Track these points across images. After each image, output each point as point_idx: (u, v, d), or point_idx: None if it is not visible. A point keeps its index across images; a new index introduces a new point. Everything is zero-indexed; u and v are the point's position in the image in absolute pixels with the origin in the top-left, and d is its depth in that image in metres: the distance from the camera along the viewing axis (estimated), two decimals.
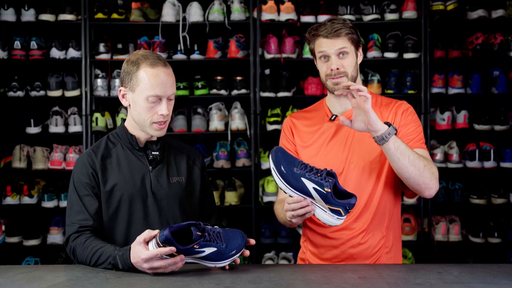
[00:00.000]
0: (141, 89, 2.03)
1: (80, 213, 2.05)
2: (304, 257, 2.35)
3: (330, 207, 1.93)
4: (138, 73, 2.04)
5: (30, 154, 4.32)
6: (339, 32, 2.19)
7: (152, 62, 2.03)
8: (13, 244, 4.23)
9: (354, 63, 2.24)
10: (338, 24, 2.20)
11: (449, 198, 4.27)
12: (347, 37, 2.20)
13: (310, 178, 1.92)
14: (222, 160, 4.25)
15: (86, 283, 1.76)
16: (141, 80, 2.03)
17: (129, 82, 2.06)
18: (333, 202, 1.92)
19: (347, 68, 2.21)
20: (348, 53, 2.21)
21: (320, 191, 1.91)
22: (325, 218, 1.96)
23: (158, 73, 2.03)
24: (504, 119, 4.23)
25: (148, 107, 2.04)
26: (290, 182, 1.93)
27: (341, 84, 2.16)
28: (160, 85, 2.02)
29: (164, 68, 2.05)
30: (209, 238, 1.82)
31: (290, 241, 4.20)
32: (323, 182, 1.91)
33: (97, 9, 4.27)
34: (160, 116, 2.04)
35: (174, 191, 2.13)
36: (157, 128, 2.07)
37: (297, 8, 4.29)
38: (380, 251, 2.26)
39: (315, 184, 1.91)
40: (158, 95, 2.02)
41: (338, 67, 2.20)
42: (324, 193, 1.91)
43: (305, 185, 1.92)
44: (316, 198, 1.93)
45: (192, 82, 4.35)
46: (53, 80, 4.27)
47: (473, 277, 1.83)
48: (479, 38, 4.24)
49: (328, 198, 1.91)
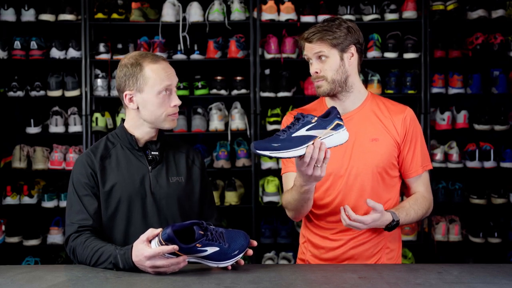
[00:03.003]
0: (151, 86, 2.07)
1: (80, 213, 2.05)
2: (304, 258, 2.35)
3: (330, 128, 1.95)
4: (143, 72, 2.07)
5: (30, 154, 4.32)
6: (316, 37, 2.18)
7: (152, 58, 2.09)
8: (13, 244, 4.23)
9: (336, 66, 2.20)
10: (321, 27, 2.19)
11: (449, 198, 4.27)
12: (327, 42, 2.17)
13: (298, 129, 1.92)
14: (222, 160, 4.25)
15: (86, 283, 1.76)
16: (148, 78, 2.06)
17: (135, 84, 2.07)
18: (327, 121, 1.94)
19: (326, 72, 2.19)
20: (328, 57, 2.19)
21: (313, 125, 1.92)
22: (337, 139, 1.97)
23: (162, 66, 2.09)
24: (504, 119, 4.24)
25: (160, 102, 2.07)
26: (289, 146, 1.91)
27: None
28: (168, 76, 2.09)
29: (164, 61, 2.12)
30: (211, 237, 1.82)
31: (290, 241, 4.20)
32: (306, 119, 1.93)
33: (97, 9, 4.27)
34: (174, 108, 2.10)
35: (173, 191, 2.13)
36: (172, 118, 2.12)
37: (297, 8, 4.29)
38: (381, 251, 2.25)
39: (303, 128, 1.92)
40: (169, 84, 2.08)
41: (317, 71, 2.20)
42: (316, 124, 1.93)
43: (300, 135, 1.92)
44: (317, 134, 1.93)
45: (192, 82, 4.35)
46: (53, 80, 4.27)
47: (473, 277, 1.83)
48: (479, 38, 4.24)
49: (321, 123, 1.94)
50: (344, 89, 2.23)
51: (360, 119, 2.25)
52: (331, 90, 2.21)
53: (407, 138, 2.24)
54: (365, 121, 2.24)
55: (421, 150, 2.26)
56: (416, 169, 2.25)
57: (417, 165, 2.24)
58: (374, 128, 2.23)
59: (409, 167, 2.24)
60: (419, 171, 2.25)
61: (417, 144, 2.25)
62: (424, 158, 2.27)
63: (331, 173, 2.21)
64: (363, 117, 2.25)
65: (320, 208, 2.27)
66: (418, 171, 2.25)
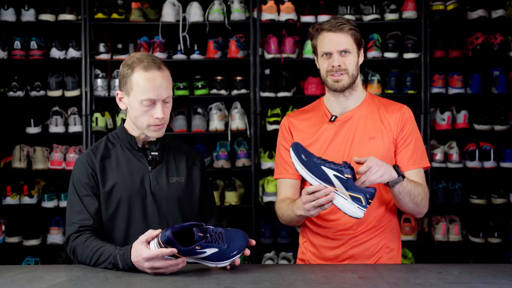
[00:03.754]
0: (135, 93, 2.03)
1: (80, 213, 2.05)
2: (304, 258, 2.35)
3: (351, 193, 1.95)
4: (132, 77, 2.03)
5: (30, 154, 4.32)
6: (343, 27, 2.21)
7: (146, 66, 2.02)
8: (13, 244, 4.23)
9: (356, 62, 2.24)
10: (342, 20, 2.23)
11: (449, 198, 4.27)
12: (350, 33, 2.22)
13: (330, 167, 1.96)
14: (222, 160, 4.25)
15: (86, 283, 1.76)
16: (135, 84, 2.03)
17: (125, 86, 2.07)
18: (354, 188, 1.94)
19: (348, 66, 2.22)
20: (351, 52, 2.22)
21: (341, 177, 1.94)
22: (346, 207, 1.96)
23: (152, 76, 2.02)
24: (504, 119, 4.24)
25: (143, 110, 2.04)
26: (311, 170, 1.96)
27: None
28: (154, 89, 2.02)
29: (158, 71, 2.03)
30: (211, 239, 1.82)
31: (290, 241, 4.20)
32: (343, 169, 1.95)
33: (97, 9, 4.27)
34: (156, 120, 2.04)
35: (173, 191, 2.13)
36: (155, 129, 2.07)
37: (297, 8, 4.29)
38: (381, 251, 2.26)
39: (335, 171, 1.95)
40: (152, 98, 2.02)
41: (340, 64, 2.21)
42: (345, 179, 1.94)
43: (325, 172, 1.95)
44: (337, 185, 1.95)
45: (192, 82, 4.35)
46: (53, 80, 4.27)
47: (473, 277, 1.83)
48: (479, 38, 4.24)
49: (348, 184, 1.94)
50: (352, 87, 2.26)
51: (359, 117, 2.26)
52: (349, 84, 2.24)
53: (402, 135, 2.25)
54: (364, 120, 2.26)
55: (416, 147, 2.25)
56: (408, 165, 2.22)
57: (410, 161, 2.22)
58: (372, 127, 2.24)
59: (403, 163, 2.22)
60: (409, 167, 2.22)
61: (412, 141, 2.25)
62: (419, 156, 2.26)
63: None
64: (361, 116, 2.27)
65: None
66: (409, 167, 2.22)
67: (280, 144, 2.36)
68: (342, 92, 2.26)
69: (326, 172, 1.95)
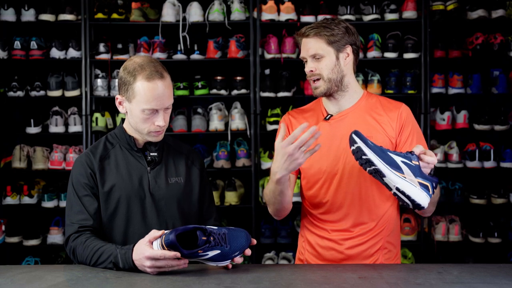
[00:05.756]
0: (137, 101, 2.02)
1: (80, 213, 2.05)
2: (303, 258, 2.35)
3: (419, 181, 1.92)
4: (134, 85, 2.02)
5: (30, 154, 4.32)
6: (314, 31, 2.19)
7: (148, 75, 2.01)
8: (13, 244, 4.23)
9: (332, 65, 2.21)
10: (320, 24, 2.20)
11: (449, 198, 4.27)
12: (324, 38, 2.19)
13: (396, 153, 1.93)
14: (222, 160, 4.25)
15: (86, 283, 1.76)
16: (137, 93, 2.02)
17: (126, 93, 2.05)
18: (422, 175, 1.91)
19: (322, 70, 2.20)
20: (324, 56, 2.20)
21: (409, 164, 1.91)
22: (415, 193, 1.91)
23: (155, 86, 2.00)
24: (504, 119, 4.23)
25: (144, 118, 2.03)
26: (380, 155, 1.90)
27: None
28: (157, 99, 2.01)
29: (160, 80, 2.02)
30: (214, 243, 1.82)
31: (290, 241, 4.20)
32: (409, 156, 1.92)
33: (97, 9, 4.27)
34: (157, 127, 2.05)
35: (172, 191, 2.13)
36: (154, 135, 2.08)
37: (297, 8, 4.29)
38: (379, 252, 2.25)
39: (402, 158, 1.91)
40: (154, 108, 2.02)
41: (312, 69, 2.21)
42: (413, 165, 1.91)
43: (392, 158, 1.91)
44: (406, 172, 1.91)
45: (192, 82, 4.35)
46: (53, 80, 4.27)
47: (473, 277, 1.83)
48: (479, 38, 4.24)
49: (417, 171, 1.91)
50: (340, 89, 2.25)
51: (354, 117, 2.26)
52: (328, 89, 2.22)
53: (403, 133, 2.23)
54: (359, 119, 2.25)
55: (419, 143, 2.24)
56: None
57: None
58: (368, 126, 2.23)
59: None
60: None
61: (414, 138, 2.24)
62: None
63: (325, 170, 2.22)
64: (357, 115, 2.26)
65: (316, 206, 2.27)
66: None
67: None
68: (328, 96, 2.26)
69: (393, 158, 1.91)
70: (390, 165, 1.90)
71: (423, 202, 1.92)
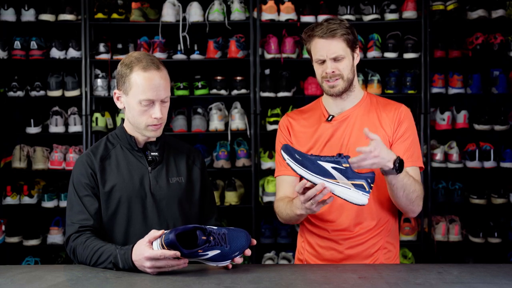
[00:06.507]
0: (133, 92, 2.03)
1: (80, 213, 2.05)
2: (302, 258, 2.35)
3: (352, 182, 1.94)
4: (130, 76, 2.03)
5: (30, 154, 4.32)
6: (335, 33, 2.18)
7: (144, 66, 2.02)
8: (13, 244, 4.23)
9: (350, 65, 2.23)
10: (334, 25, 2.19)
11: (449, 198, 4.27)
12: (343, 38, 2.19)
13: (326, 160, 1.95)
14: (222, 160, 4.25)
15: (86, 283, 1.76)
16: (133, 84, 2.02)
17: (123, 85, 2.06)
18: (354, 175, 1.93)
19: (342, 71, 2.21)
20: (344, 57, 2.20)
21: (339, 168, 1.93)
22: (351, 195, 1.95)
23: (151, 76, 2.01)
24: (504, 119, 4.23)
25: (141, 110, 2.03)
26: (308, 167, 1.94)
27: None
28: (153, 89, 2.01)
29: (157, 71, 2.03)
30: (214, 242, 1.82)
31: (290, 241, 4.20)
32: (339, 159, 1.94)
33: (97, 9, 4.27)
34: (154, 120, 2.04)
35: (173, 191, 2.12)
36: (152, 129, 2.07)
37: (297, 8, 4.29)
38: (379, 252, 2.25)
39: (332, 163, 1.93)
40: (150, 99, 2.02)
41: (334, 70, 2.20)
42: (344, 169, 1.93)
43: (323, 166, 1.93)
44: (337, 177, 1.93)
45: (192, 82, 4.35)
46: (53, 80, 4.27)
47: (473, 277, 1.83)
48: (479, 38, 4.24)
49: (348, 173, 1.93)
50: (349, 89, 2.25)
51: (356, 117, 2.27)
52: (344, 89, 2.24)
53: (398, 132, 2.24)
54: (361, 119, 2.26)
55: (413, 145, 2.24)
56: (406, 163, 2.17)
57: (405, 157, 2.18)
58: (369, 126, 2.23)
59: None
60: (405, 164, 2.16)
61: (409, 139, 2.23)
62: (416, 154, 2.25)
63: None
64: (359, 115, 2.27)
65: None
66: (406, 164, 2.17)
67: (279, 142, 2.36)
68: (336, 96, 2.26)
69: (323, 166, 1.93)
70: (321, 174, 1.94)
71: (361, 201, 1.96)
